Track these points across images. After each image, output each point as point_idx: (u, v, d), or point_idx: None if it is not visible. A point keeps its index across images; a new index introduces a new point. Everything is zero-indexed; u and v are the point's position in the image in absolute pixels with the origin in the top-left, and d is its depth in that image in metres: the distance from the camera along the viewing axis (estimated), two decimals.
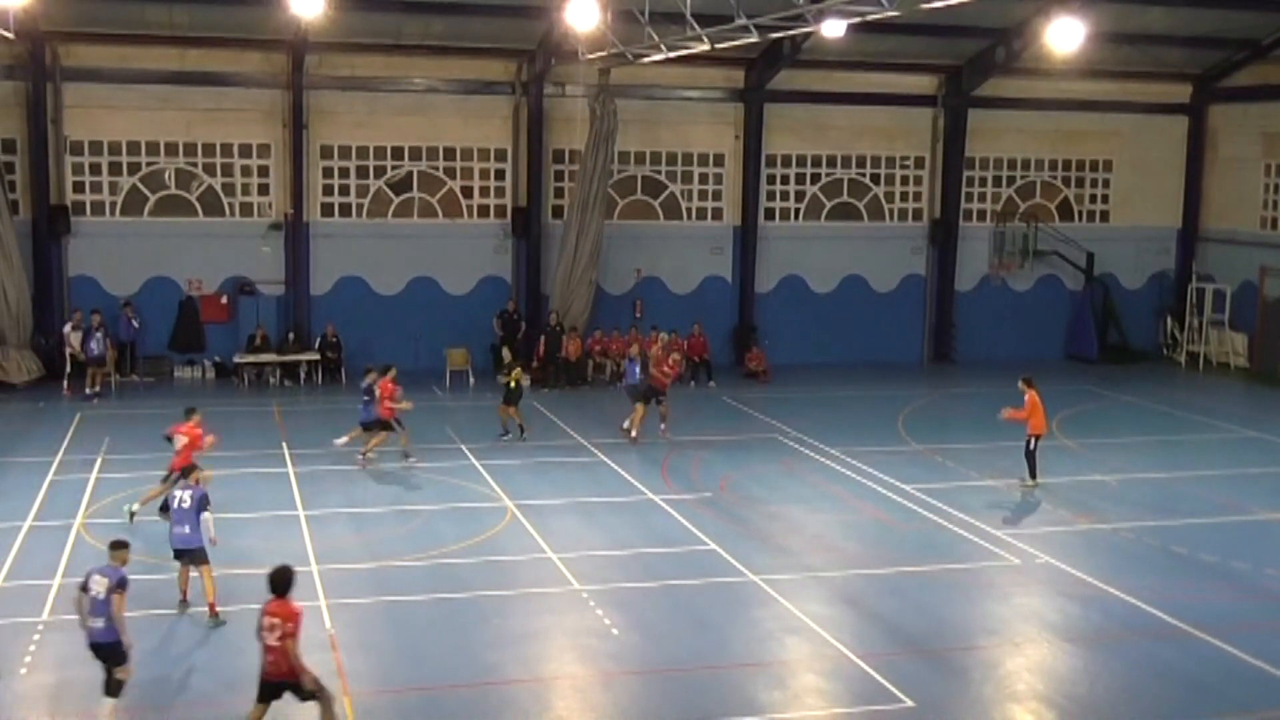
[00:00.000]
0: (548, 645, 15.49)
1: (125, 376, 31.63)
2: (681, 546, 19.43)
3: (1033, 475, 23.18)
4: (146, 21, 30.94)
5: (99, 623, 12.85)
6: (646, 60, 29.72)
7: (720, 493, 22.59)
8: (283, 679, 12.40)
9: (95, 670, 14.35)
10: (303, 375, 32.54)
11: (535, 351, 32.77)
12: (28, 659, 14.64)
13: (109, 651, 12.93)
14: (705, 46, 25.85)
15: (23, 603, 16.36)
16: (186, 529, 16.13)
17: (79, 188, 32.23)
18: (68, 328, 30.71)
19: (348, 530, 20.06)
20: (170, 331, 32.80)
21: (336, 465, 23.95)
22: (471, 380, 32.65)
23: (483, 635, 15.75)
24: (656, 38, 26.61)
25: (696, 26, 24.90)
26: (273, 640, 12.32)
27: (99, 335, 30.31)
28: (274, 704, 12.55)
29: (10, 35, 26.31)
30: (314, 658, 14.76)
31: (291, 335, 32.86)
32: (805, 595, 17.36)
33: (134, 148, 32.36)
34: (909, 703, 13.97)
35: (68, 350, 30.65)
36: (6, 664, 14.48)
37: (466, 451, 25.08)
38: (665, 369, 26.90)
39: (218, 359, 33.04)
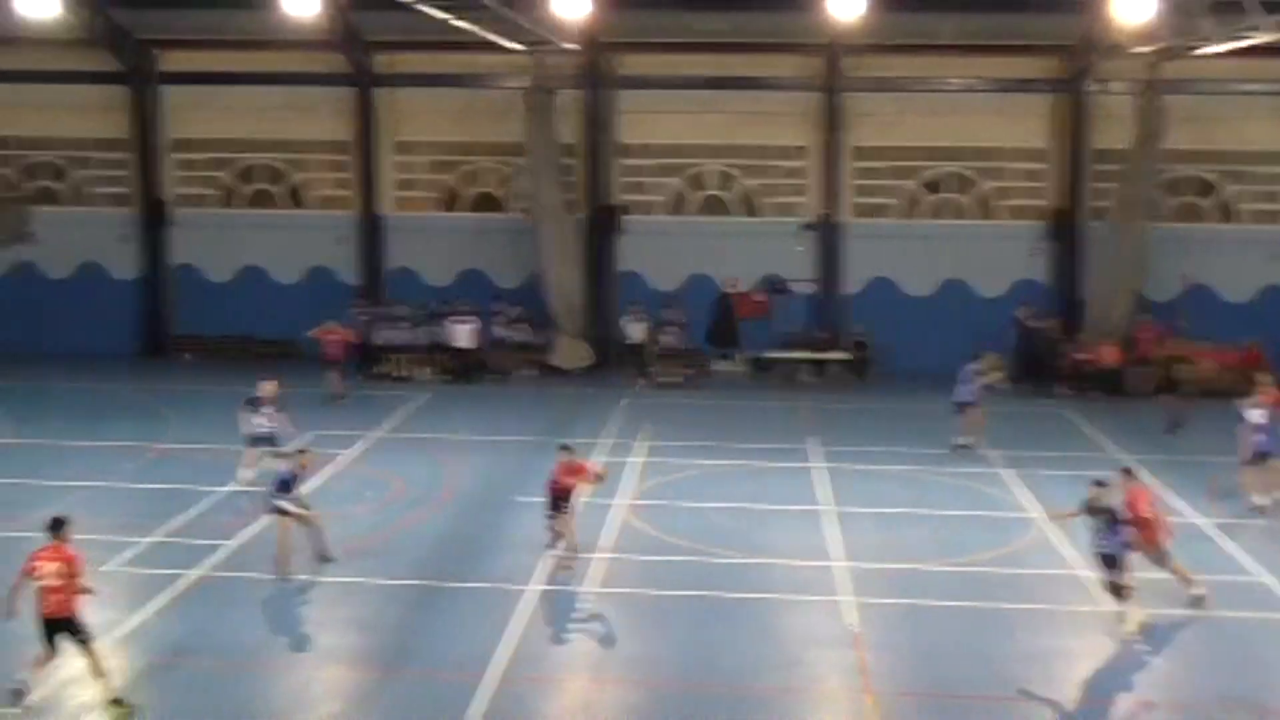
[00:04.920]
0: (1077, 666, 14.89)
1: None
2: (1223, 575, 18.05)
3: None
4: (691, 29, 32.47)
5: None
6: (1200, 53, 27.92)
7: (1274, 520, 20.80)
8: None
9: (636, 642, 15.25)
10: (832, 373, 33.05)
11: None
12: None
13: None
14: (1270, 36, 23.98)
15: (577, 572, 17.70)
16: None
17: (628, 188, 34.39)
18: (628, 319, 32.88)
19: (871, 529, 20.17)
20: (707, 327, 34.30)
21: (861, 465, 24.15)
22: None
23: (1007, 648, 15.39)
24: (1212, 28, 24.96)
25: (1262, 13, 23.13)
26: None
27: (676, 329, 32.60)
28: None
29: (576, 48, 28.44)
30: (837, 654, 15.05)
31: (822, 333, 33.49)
32: None
33: (677, 150, 34.12)
34: None
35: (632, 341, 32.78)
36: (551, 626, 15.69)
37: (995, 458, 24.54)
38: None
39: (751, 354, 34.20)
